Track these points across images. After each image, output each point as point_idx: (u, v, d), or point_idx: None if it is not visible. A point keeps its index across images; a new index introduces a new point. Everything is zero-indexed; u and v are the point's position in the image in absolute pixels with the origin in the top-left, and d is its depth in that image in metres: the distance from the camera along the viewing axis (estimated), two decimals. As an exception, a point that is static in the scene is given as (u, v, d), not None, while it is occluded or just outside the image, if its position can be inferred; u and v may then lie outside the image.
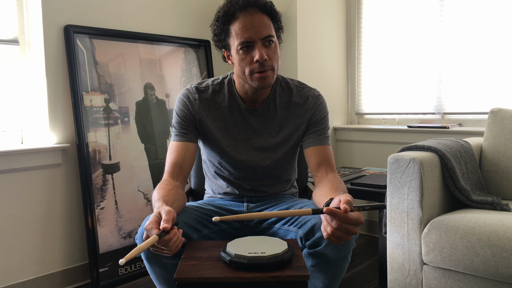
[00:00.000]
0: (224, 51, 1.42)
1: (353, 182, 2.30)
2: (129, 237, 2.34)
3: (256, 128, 1.45)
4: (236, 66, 1.37)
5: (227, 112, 1.45)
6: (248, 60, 1.33)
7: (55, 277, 2.21)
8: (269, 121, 1.46)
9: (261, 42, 1.32)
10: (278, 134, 1.46)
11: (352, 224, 1.03)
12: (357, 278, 2.29)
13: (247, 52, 1.32)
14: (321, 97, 1.49)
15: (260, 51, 1.30)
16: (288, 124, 1.46)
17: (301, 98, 1.47)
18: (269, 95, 1.46)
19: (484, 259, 1.50)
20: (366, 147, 2.99)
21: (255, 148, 1.45)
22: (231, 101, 1.45)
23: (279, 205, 1.44)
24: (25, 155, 2.09)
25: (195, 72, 2.71)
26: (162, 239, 1.04)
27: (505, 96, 2.49)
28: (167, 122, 2.55)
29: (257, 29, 1.31)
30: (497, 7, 2.49)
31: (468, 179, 1.85)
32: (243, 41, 1.31)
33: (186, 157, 1.40)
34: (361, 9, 3.10)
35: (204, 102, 1.44)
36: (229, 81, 1.47)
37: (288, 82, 1.50)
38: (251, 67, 1.33)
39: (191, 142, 1.42)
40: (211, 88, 1.46)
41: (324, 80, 3.01)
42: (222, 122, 1.45)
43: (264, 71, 1.32)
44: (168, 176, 1.37)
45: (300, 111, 1.46)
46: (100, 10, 2.33)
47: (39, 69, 2.18)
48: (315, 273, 1.27)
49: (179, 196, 1.31)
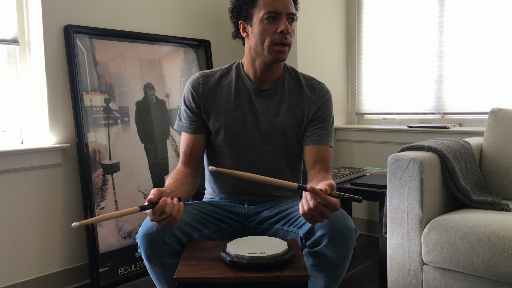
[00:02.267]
0: (241, 23, 1.45)
1: (353, 182, 2.30)
2: (129, 237, 2.34)
3: (263, 109, 1.46)
4: (256, 36, 1.40)
5: (234, 93, 1.47)
6: (271, 30, 1.37)
7: (55, 277, 2.21)
8: (276, 103, 1.47)
9: (286, 16, 1.38)
10: (285, 117, 1.46)
11: (329, 207, 1.09)
12: (357, 278, 2.29)
13: (272, 22, 1.37)
14: (329, 92, 1.52)
15: (286, 23, 1.37)
16: (295, 109, 1.47)
17: (309, 88, 1.49)
18: (279, 78, 1.48)
19: (484, 259, 1.50)
20: (366, 147, 2.99)
21: (261, 130, 1.46)
22: (238, 83, 1.48)
23: (279, 205, 1.44)
24: (25, 155, 2.09)
25: (195, 72, 2.71)
26: (155, 208, 1.15)
27: (505, 96, 2.49)
28: (167, 122, 2.55)
29: (285, 3, 1.38)
30: (497, 7, 2.49)
31: (468, 179, 1.85)
32: (271, 10, 1.36)
33: (194, 147, 1.48)
34: (361, 9, 3.10)
35: (209, 85, 1.48)
36: (237, 65, 1.51)
37: (297, 71, 1.53)
38: (273, 37, 1.37)
39: (197, 133, 1.47)
40: (218, 73, 1.51)
41: (324, 80, 2.98)
42: (228, 104, 1.46)
43: (284, 45, 1.38)
44: (180, 165, 1.48)
45: (308, 100, 1.48)
46: (100, 10, 2.33)
47: (39, 69, 2.18)
48: (316, 272, 1.27)
49: (186, 183, 1.41)
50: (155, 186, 2.46)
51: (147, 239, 1.23)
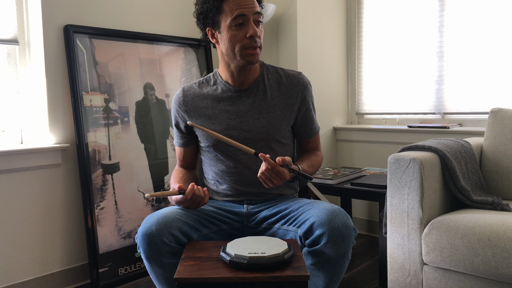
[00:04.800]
0: (208, 30, 1.46)
1: (353, 182, 2.30)
2: (129, 237, 2.33)
3: (247, 108, 1.48)
4: (225, 43, 1.42)
5: (215, 99, 1.50)
6: (240, 36, 1.39)
7: (55, 277, 2.21)
8: (259, 101, 1.49)
9: (253, 18, 1.40)
10: (270, 113, 1.48)
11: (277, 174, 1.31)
12: (357, 278, 2.29)
13: (240, 28, 1.39)
14: (308, 80, 1.55)
15: (253, 28, 1.39)
16: (278, 103, 1.50)
17: (290, 79, 1.52)
18: (258, 77, 1.50)
19: (485, 259, 1.50)
20: (366, 147, 2.98)
21: (248, 130, 1.47)
22: (217, 89, 1.51)
23: (279, 205, 1.44)
24: (25, 155, 2.08)
25: (195, 72, 2.71)
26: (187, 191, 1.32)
27: (506, 96, 2.49)
28: (167, 122, 2.55)
29: (250, 6, 1.39)
30: (497, 7, 2.48)
31: (468, 179, 1.85)
32: (238, 15, 1.37)
33: (186, 156, 1.60)
34: (361, 9, 3.10)
35: (190, 98, 1.52)
36: (214, 74, 1.55)
37: (274, 66, 1.57)
38: (243, 43, 1.39)
39: (188, 146, 1.59)
40: (197, 84, 1.55)
41: (324, 80, 3.00)
42: (212, 110, 1.49)
43: (255, 48, 1.41)
44: (178, 166, 1.62)
45: (290, 92, 1.51)
46: (100, 10, 2.33)
47: (39, 69, 2.18)
48: (316, 271, 1.27)
49: (190, 178, 1.56)
50: (155, 186, 2.46)
51: (146, 239, 1.23)
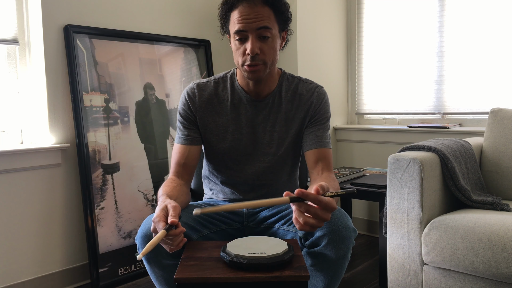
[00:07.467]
0: (228, 36, 1.41)
1: (353, 182, 2.30)
2: (129, 237, 2.33)
3: (260, 120, 1.43)
4: (233, 53, 1.37)
5: (230, 105, 1.43)
6: (241, 51, 1.31)
7: (55, 277, 2.21)
8: (274, 113, 1.44)
9: (256, 34, 1.29)
10: (282, 127, 1.44)
11: (322, 207, 1.00)
12: (357, 278, 2.29)
13: (241, 42, 1.31)
14: (326, 95, 1.47)
15: (253, 45, 1.28)
16: (293, 118, 1.44)
17: (306, 90, 1.45)
18: (275, 88, 1.44)
19: (485, 259, 1.50)
20: (366, 147, 2.98)
21: (259, 142, 1.44)
22: (233, 94, 1.44)
23: (279, 205, 1.44)
24: (25, 155, 2.08)
25: (195, 72, 2.71)
26: (169, 232, 1.04)
27: (506, 96, 2.49)
28: (167, 122, 2.55)
29: (252, 21, 1.27)
30: (497, 7, 2.48)
31: (468, 179, 1.85)
32: (237, 30, 1.29)
33: (188, 158, 1.42)
34: (361, 9, 3.10)
35: (206, 98, 1.44)
36: (231, 75, 1.46)
37: (294, 77, 1.48)
38: (243, 59, 1.32)
39: (193, 144, 1.43)
40: (213, 83, 1.46)
41: (324, 80, 3.00)
42: (225, 117, 1.44)
43: (254, 65, 1.30)
44: (173, 175, 1.40)
45: (304, 104, 1.43)
46: (100, 10, 2.33)
47: (39, 69, 2.18)
48: (315, 272, 1.26)
49: (183, 192, 1.34)
50: (155, 186, 2.46)
51: (146, 241, 1.23)
